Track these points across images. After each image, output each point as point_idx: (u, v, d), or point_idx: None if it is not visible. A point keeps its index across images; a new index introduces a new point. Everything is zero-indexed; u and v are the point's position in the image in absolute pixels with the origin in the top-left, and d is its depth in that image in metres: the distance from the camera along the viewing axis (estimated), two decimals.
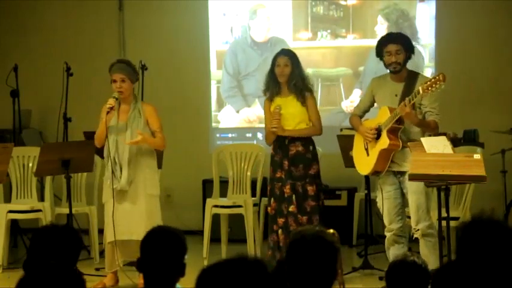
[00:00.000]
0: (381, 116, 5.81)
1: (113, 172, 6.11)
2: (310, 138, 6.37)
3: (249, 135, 8.72)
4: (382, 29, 8.36)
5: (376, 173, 5.84)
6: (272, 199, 6.37)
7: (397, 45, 5.79)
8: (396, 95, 5.73)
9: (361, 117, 6.07)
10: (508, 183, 7.64)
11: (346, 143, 6.85)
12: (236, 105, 8.75)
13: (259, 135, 8.61)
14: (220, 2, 8.77)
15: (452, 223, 5.28)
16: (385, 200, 5.81)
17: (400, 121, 5.61)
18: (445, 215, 5.16)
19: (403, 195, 5.81)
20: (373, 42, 8.39)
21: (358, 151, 6.02)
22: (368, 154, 5.85)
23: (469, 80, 8.19)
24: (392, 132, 5.65)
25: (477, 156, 5.06)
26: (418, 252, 5.65)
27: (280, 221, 6.28)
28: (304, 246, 2.89)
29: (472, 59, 8.20)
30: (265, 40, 8.68)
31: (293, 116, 6.31)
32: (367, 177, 6.84)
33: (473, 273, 2.67)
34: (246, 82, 8.71)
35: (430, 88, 5.36)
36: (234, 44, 8.76)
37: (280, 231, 6.28)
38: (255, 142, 8.53)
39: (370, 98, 6.01)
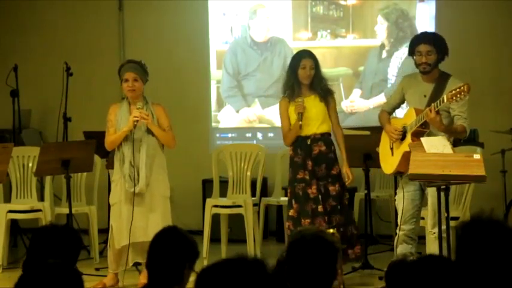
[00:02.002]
0: (407, 117, 5.77)
1: (129, 176, 6.11)
2: (330, 138, 6.33)
3: (249, 135, 8.72)
4: (382, 29, 8.37)
5: (399, 173, 5.81)
6: (293, 201, 6.23)
7: (429, 46, 5.71)
8: (425, 96, 5.67)
9: (390, 113, 6.01)
10: (508, 183, 7.64)
11: (346, 142, 6.84)
12: (236, 105, 8.75)
13: (259, 135, 8.61)
14: (220, 2, 8.77)
15: (452, 223, 5.28)
16: (404, 199, 5.75)
17: (425, 125, 5.56)
18: (445, 214, 5.16)
19: (422, 198, 5.78)
20: (373, 42, 8.48)
21: (383, 149, 5.98)
22: (392, 154, 5.82)
23: (469, 80, 8.09)
24: (416, 135, 5.59)
25: (477, 156, 5.06)
26: (420, 253, 5.64)
27: (306, 221, 6.15)
28: (304, 246, 2.88)
29: (472, 59, 8.20)
30: (265, 40, 8.68)
31: (317, 115, 6.24)
32: (367, 177, 6.84)
33: (473, 273, 2.67)
34: (245, 82, 8.71)
35: (454, 98, 5.32)
36: (233, 43, 8.76)
37: None
38: (255, 142, 8.53)
39: (400, 95, 5.94)
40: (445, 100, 5.35)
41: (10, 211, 7.12)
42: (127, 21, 8.99)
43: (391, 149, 5.84)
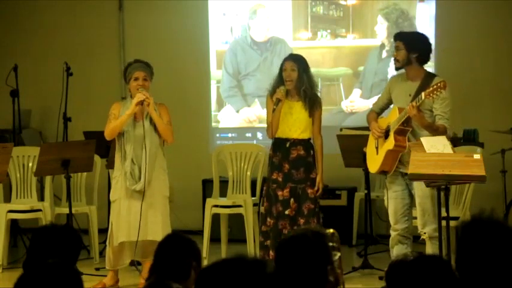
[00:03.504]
0: (391, 116, 5.80)
1: (130, 173, 6.11)
2: (311, 142, 6.34)
3: (249, 135, 8.71)
4: (382, 29, 8.37)
5: (383, 172, 5.82)
6: (265, 199, 6.32)
7: (398, 41, 5.77)
8: (410, 95, 5.69)
9: (378, 114, 6.03)
10: (508, 183, 7.64)
11: (346, 142, 6.86)
12: (236, 105, 8.75)
13: (259, 135, 8.60)
14: (220, 2, 8.77)
15: (452, 223, 5.28)
16: (392, 199, 5.78)
17: (407, 123, 5.58)
18: (445, 214, 5.16)
19: (411, 196, 5.79)
20: (373, 42, 8.48)
21: (370, 148, 6.01)
22: (377, 153, 5.84)
23: (469, 80, 8.19)
24: (399, 133, 5.61)
25: (477, 156, 5.06)
26: (420, 253, 5.63)
27: (270, 222, 6.25)
28: (289, 248, 2.87)
29: (472, 59, 8.20)
30: (265, 40, 8.68)
31: (300, 121, 6.25)
32: (366, 176, 6.84)
33: (473, 273, 2.67)
34: (245, 82, 8.71)
35: (431, 94, 5.38)
36: (233, 43, 8.76)
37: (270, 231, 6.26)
38: (255, 142, 8.52)
39: (387, 96, 5.97)
40: (423, 97, 5.42)
41: (10, 211, 7.12)
42: (127, 21, 8.99)
43: (377, 148, 5.86)
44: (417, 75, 5.75)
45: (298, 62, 6.28)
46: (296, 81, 6.24)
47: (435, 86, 5.39)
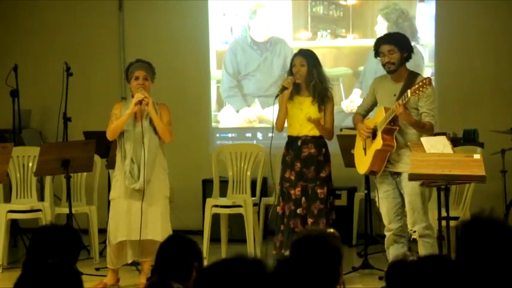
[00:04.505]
0: (377, 116, 5.83)
1: (130, 172, 6.11)
2: (323, 141, 6.33)
3: (249, 135, 8.71)
4: (382, 29, 8.37)
5: (372, 172, 5.85)
6: (281, 198, 6.32)
7: (389, 45, 5.81)
8: (395, 95, 5.73)
9: (364, 116, 6.06)
10: (508, 183, 7.63)
11: (346, 142, 6.85)
12: (236, 105, 8.75)
13: (259, 135, 8.60)
14: (220, 2, 8.77)
15: (452, 223, 5.28)
16: (383, 199, 5.82)
17: (394, 122, 5.61)
18: (445, 214, 5.16)
19: (401, 195, 5.81)
20: (373, 42, 8.44)
21: (358, 150, 6.05)
22: (365, 154, 5.87)
23: (469, 80, 8.20)
24: (387, 133, 5.64)
25: (477, 156, 5.07)
26: (418, 252, 5.64)
27: (285, 220, 6.26)
28: (306, 247, 2.87)
29: (472, 59, 8.20)
30: (265, 40, 8.68)
31: (310, 116, 6.27)
32: (366, 177, 6.84)
33: (473, 273, 2.67)
34: (245, 82, 8.71)
35: (417, 91, 5.43)
36: (233, 43, 8.76)
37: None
38: (255, 142, 8.52)
39: (372, 97, 6.02)
40: (409, 94, 5.46)
41: (10, 211, 7.12)
42: (127, 21, 8.99)
43: (364, 149, 5.88)
44: (401, 75, 5.81)
45: (307, 57, 6.29)
46: (305, 76, 6.24)
47: (420, 83, 5.45)
